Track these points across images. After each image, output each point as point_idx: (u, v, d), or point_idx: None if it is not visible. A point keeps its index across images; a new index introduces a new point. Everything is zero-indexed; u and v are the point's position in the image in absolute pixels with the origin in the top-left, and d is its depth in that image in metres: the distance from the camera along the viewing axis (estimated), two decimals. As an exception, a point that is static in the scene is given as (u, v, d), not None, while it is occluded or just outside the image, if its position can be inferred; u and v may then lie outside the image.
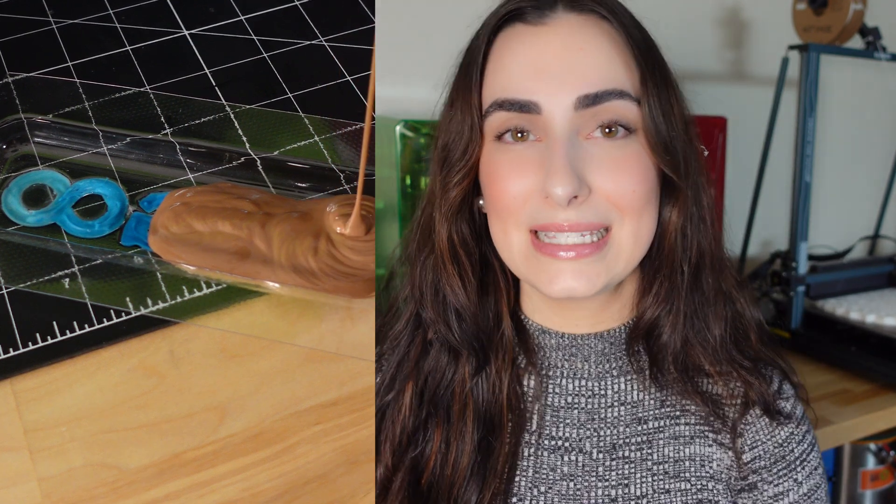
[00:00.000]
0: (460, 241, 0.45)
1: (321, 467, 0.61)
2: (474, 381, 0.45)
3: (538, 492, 0.44)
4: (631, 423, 0.45)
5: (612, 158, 0.40)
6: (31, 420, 0.63)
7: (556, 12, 0.42)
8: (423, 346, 0.47)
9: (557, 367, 0.46)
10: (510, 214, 0.42)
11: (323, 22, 0.90)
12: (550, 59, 0.41)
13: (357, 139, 0.78)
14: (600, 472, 0.44)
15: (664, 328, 0.44)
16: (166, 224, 0.68)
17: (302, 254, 0.67)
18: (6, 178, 0.73)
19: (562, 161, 0.39)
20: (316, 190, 0.74)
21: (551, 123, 0.40)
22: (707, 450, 0.44)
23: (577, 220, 0.40)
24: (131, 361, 0.66)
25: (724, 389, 0.44)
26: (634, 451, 0.44)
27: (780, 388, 0.46)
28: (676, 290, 0.43)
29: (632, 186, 0.41)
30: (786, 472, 0.44)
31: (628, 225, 0.41)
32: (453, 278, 0.45)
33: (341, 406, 0.64)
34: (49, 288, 0.68)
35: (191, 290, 0.69)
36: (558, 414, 0.45)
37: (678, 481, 0.43)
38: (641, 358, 0.45)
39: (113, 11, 0.90)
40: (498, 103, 0.41)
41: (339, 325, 0.68)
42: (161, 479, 0.60)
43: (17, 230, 0.70)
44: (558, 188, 0.39)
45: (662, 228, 0.43)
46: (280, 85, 0.84)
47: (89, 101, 0.79)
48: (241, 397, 0.64)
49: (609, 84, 0.40)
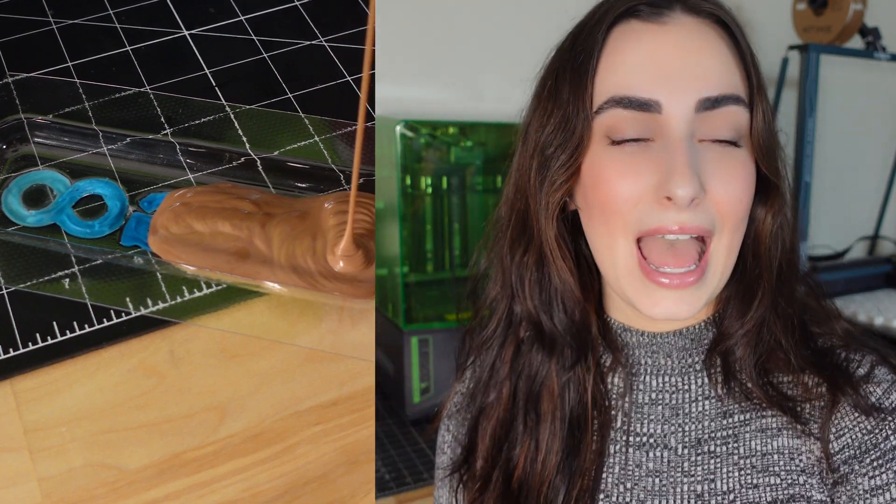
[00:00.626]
0: (562, 237, 0.44)
1: (321, 467, 0.61)
2: (564, 382, 0.45)
3: (624, 488, 0.44)
4: (716, 417, 0.44)
5: (726, 165, 0.40)
6: (31, 420, 0.63)
7: (673, 12, 0.41)
8: (516, 346, 0.47)
9: (641, 365, 0.45)
10: (619, 218, 0.41)
11: (323, 22, 0.90)
12: (670, 59, 0.40)
13: (357, 139, 0.78)
14: (686, 468, 0.44)
15: (746, 340, 0.43)
16: (166, 224, 0.68)
17: (301, 255, 0.67)
18: (6, 178, 0.73)
19: (685, 162, 0.39)
20: (316, 190, 0.74)
21: (671, 124, 0.40)
22: (796, 441, 0.43)
23: (687, 223, 0.40)
24: (131, 362, 0.66)
25: (803, 388, 0.43)
26: (720, 445, 0.43)
27: (870, 373, 0.43)
28: (772, 301, 0.43)
29: (740, 195, 0.41)
30: (882, 463, 0.41)
31: (726, 237, 0.41)
32: (564, 271, 0.44)
33: (341, 406, 0.64)
34: (49, 288, 0.68)
35: (191, 290, 0.69)
36: (642, 410, 0.45)
37: (767, 475, 0.42)
38: (717, 362, 0.44)
39: (113, 11, 0.90)
40: (616, 100, 0.41)
41: (338, 326, 0.68)
42: (161, 479, 0.60)
43: (17, 230, 0.70)
44: (682, 189, 0.39)
45: (756, 234, 0.43)
46: (280, 85, 0.84)
47: (89, 101, 0.79)
48: (241, 397, 0.64)
49: (727, 88, 0.40)
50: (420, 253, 0.88)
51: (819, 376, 0.43)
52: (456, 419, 0.50)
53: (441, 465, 0.51)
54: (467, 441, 0.49)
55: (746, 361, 0.43)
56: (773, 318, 0.43)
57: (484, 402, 0.48)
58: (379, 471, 0.76)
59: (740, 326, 0.43)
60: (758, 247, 0.43)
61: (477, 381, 0.49)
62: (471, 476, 0.48)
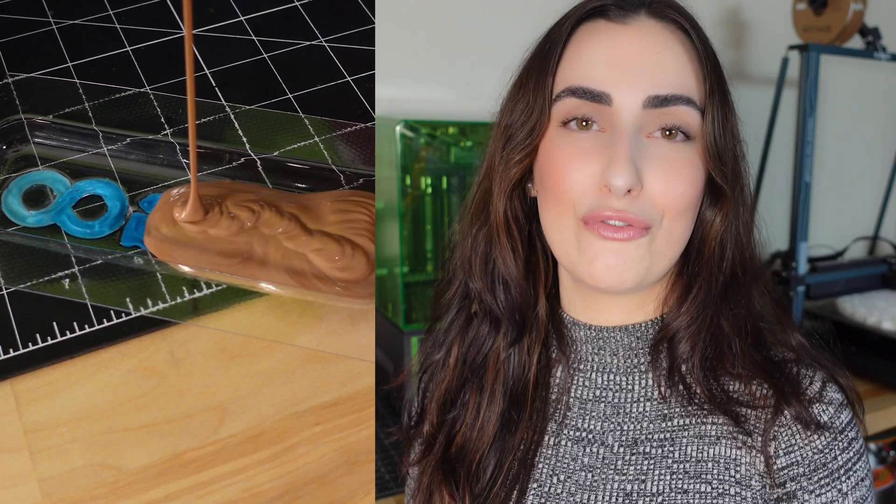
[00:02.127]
0: (513, 217, 0.47)
1: (321, 468, 0.61)
2: (507, 354, 0.47)
3: (557, 480, 0.46)
4: (655, 419, 0.45)
5: (667, 160, 0.42)
6: (31, 420, 0.63)
7: (638, 15, 0.44)
8: (468, 315, 0.49)
9: (587, 361, 0.47)
10: (566, 200, 0.43)
11: (323, 22, 0.90)
12: (627, 57, 0.43)
13: (358, 139, 0.79)
14: (619, 466, 0.45)
15: (688, 334, 0.45)
16: (157, 225, 0.68)
17: (298, 257, 0.67)
18: (6, 178, 0.73)
19: (624, 153, 0.41)
20: (316, 191, 0.74)
21: (619, 116, 0.42)
22: (734, 452, 0.43)
23: (625, 211, 0.42)
24: (131, 362, 0.66)
25: (750, 395, 0.44)
26: (656, 447, 0.45)
27: (821, 393, 0.44)
28: (710, 297, 0.44)
29: (681, 190, 0.42)
30: (829, 482, 0.43)
31: (666, 224, 0.43)
32: (506, 250, 0.47)
33: (341, 406, 0.64)
34: (49, 288, 0.68)
35: (191, 290, 0.69)
36: (585, 406, 0.47)
37: (698, 482, 0.43)
38: (663, 361, 0.46)
39: (113, 12, 0.90)
40: (571, 90, 0.43)
41: (338, 326, 0.68)
42: (161, 479, 0.60)
43: (17, 231, 0.70)
44: (618, 179, 0.41)
45: (703, 234, 0.45)
46: (280, 85, 0.84)
47: (89, 101, 0.79)
48: (242, 398, 0.64)
49: (678, 89, 0.43)
50: (420, 253, 0.88)
51: (768, 385, 0.43)
52: (417, 377, 0.53)
53: (403, 425, 0.54)
54: (419, 404, 0.52)
55: (691, 359, 0.44)
56: (722, 318, 0.44)
57: (431, 360, 0.51)
58: (379, 471, 0.76)
59: (677, 318, 0.45)
60: (702, 246, 0.45)
61: (434, 341, 0.51)
62: (419, 437, 0.50)
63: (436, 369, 0.51)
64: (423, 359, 0.52)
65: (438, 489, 0.47)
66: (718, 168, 0.43)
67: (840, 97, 1.09)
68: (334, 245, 0.67)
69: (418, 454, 0.49)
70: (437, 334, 0.51)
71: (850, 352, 0.89)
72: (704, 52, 0.44)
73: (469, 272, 0.49)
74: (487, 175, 0.48)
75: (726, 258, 0.45)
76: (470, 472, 0.46)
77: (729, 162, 0.44)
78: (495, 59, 0.98)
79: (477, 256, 0.48)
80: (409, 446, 0.51)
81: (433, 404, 0.49)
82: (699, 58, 0.44)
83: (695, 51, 0.44)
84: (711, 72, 0.44)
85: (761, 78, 1.05)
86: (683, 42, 0.44)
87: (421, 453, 0.49)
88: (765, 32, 1.08)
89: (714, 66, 0.44)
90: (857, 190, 1.16)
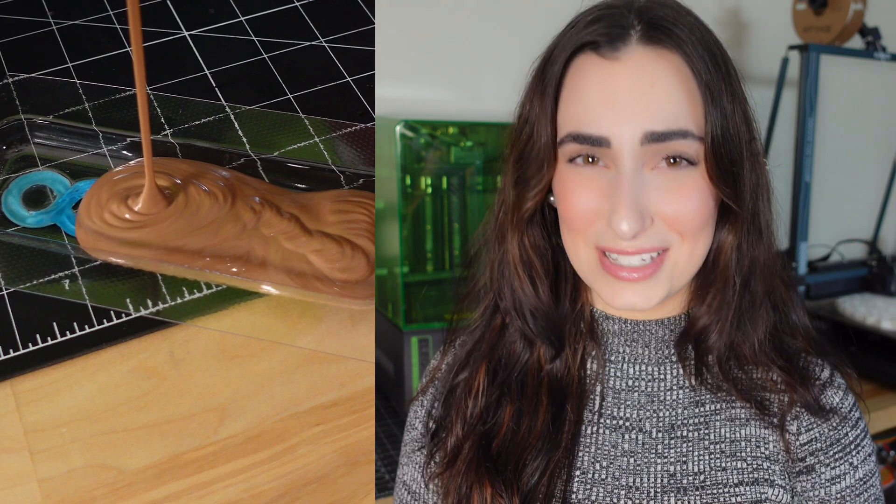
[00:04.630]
0: (532, 245, 0.48)
1: (321, 468, 0.61)
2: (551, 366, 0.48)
3: (600, 466, 0.47)
4: (689, 405, 0.48)
5: (674, 187, 0.43)
6: (31, 421, 0.63)
7: (628, 46, 0.43)
8: (500, 329, 0.50)
9: (619, 353, 0.49)
10: (579, 230, 0.44)
11: (323, 22, 0.90)
12: (620, 94, 0.42)
13: (358, 140, 0.79)
14: (659, 450, 0.47)
15: (712, 333, 0.47)
16: (82, 216, 0.68)
17: (297, 258, 0.67)
18: (6, 178, 0.73)
19: (628, 198, 0.42)
20: (316, 191, 0.74)
21: (619, 155, 0.43)
22: (763, 431, 0.47)
23: (640, 246, 0.43)
24: (131, 362, 0.66)
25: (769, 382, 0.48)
26: (692, 430, 0.47)
27: (831, 379, 0.48)
28: (727, 301, 0.46)
29: (691, 213, 0.43)
30: (842, 456, 0.47)
31: (686, 247, 0.44)
32: (525, 283, 0.48)
33: (341, 407, 0.64)
34: (49, 289, 0.68)
35: (191, 291, 0.69)
36: (619, 396, 0.48)
37: (734, 460, 0.46)
38: (690, 358, 0.48)
39: (113, 12, 0.90)
40: (572, 136, 0.44)
41: (338, 327, 0.68)
42: (161, 480, 0.60)
43: (17, 231, 0.70)
44: (623, 225, 0.42)
45: (717, 246, 0.46)
46: (280, 86, 0.84)
47: (89, 101, 0.79)
48: (241, 398, 0.64)
49: (675, 124, 0.42)
50: (420, 253, 0.88)
51: (784, 374, 0.47)
52: (432, 394, 0.52)
53: (410, 441, 0.53)
54: (441, 416, 0.51)
55: (717, 353, 0.47)
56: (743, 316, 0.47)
57: (456, 380, 0.50)
58: (379, 471, 0.76)
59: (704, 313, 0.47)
60: (718, 257, 0.46)
61: (455, 360, 0.51)
62: (441, 451, 0.50)
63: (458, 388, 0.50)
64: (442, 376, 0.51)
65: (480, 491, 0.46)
66: (725, 190, 0.43)
67: (840, 97, 1.09)
68: (334, 246, 0.67)
69: (442, 464, 0.49)
70: (460, 351, 0.51)
71: (850, 352, 0.89)
72: (701, 72, 0.43)
73: (500, 293, 0.49)
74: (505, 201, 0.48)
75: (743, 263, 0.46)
76: (517, 470, 0.47)
77: (740, 176, 0.44)
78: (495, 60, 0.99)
79: (504, 279, 0.48)
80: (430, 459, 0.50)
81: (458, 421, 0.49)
82: (697, 81, 0.43)
83: (692, 75, 0.43)
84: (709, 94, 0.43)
85: (761, 78, 1.05)
86: (679, 68, 0.43)
87: (446, 463, 0.48)
88: (765, 32, 1.08)
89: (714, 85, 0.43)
90: (857, 190, 1.16)
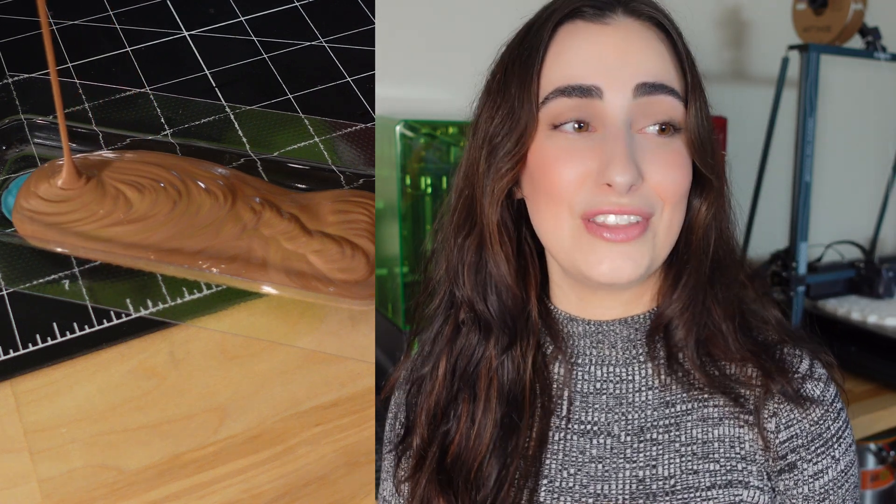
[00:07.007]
0: (503, 224, 0.47)
1: (321, 468, 0.61)
2: (500, 361, 0.48)
3: (567, 473, 0.46)
4: (658, 406, 0.47)
5: (663, 153, 0.44)
6: (31, 421, 0.63)
7: (615, 15, 0.45)
8: (455, 325, 0.49)
9: (586, 355, 0.48)
10: (563, 200, 0.44)
11: (323, 22, 0.90)
12: (611, 53, 0.44)
13: (358, 139, 0.79)
14: (628, 454, 0.46)
15: (683, 321, 0.46)
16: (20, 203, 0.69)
17: (297, 258, 0.67)
18: (6, 178, 0.73)
19: (624, 151, 0.42)
20: (316, 191, 0.74)
21: (611, 111, 0.43)
22: (738, 431, 0.46)
23: (627, 205, 0.43)
24: (131, 363, 0.66)
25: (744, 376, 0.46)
26: (662, 433, 0.46)
27: (811, 370, 0.47)
28: (700, 283, 0.46)
29: (678, 179, 0.44)
30: (824, 450, 0.46)
31: (666, 214, 0.44)
32: (500, 257, 0.47)
33: (341, 407, 0.64)
34: (49, 290, 0.68)
35: (191, 291, 0.69)
36: (587, 399, 0.47)
37: (707, 462, 0.45)
38: (660, 350, 0.47)
39: (113, 12, 0.90)
40: (560, 90, 0.44)
41: (338, 327, 0.68)
42: (161, 480, 0.60)
43: (17, 231, 0.70)
44: (620, 176, 0.42)
45: (690, 222, 0.46)
46: (280, 86, 0.84)
47: (89, 102, 0.79)
48: (242, 398, 0.64)
49: (663, 79, 0.44)
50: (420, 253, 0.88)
51: (757, 366, 0.46)
52: (403, 390, 0.52)
53: (386, 438, 0.53)
54: (406, 417, 0.51)
55: (688, 344, 0.46)
56: (711, 304, 0.46)
57: (418, 374, 0.50)
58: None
59: (670, 305, 0.46)
60: (690, 235, 0.46)
61: (420, 353, 0.51)
62: (408, 452, 0.50)
63: (423, 382, 0.50)
64: (409, 372, 0.52)
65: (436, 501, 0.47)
66: (703, 159, 0.45)
67: (840, 97, 1.09)
68: (334, 246, 0.67)
69: (409, 469, 0.49)
70: (422, 346, 0.51)
71: (850, 352, 0.89)
72: (683, 47, 0.45)
73: (456, 281, 0.48)
74: (469, 183, 0.48)
75: (712, 244, 0.46)
76: (468, 482, 0.46)
77: (710, 152, 0.45)
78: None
79: (465, 265, 0.48)
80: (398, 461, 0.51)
81: (422, 418, 0.49)
82: (678, 53, 0.45)
83: (673, 47, 0.45)
84: (691, 66, 0.45)
85: (761, 78, 1.05)
86: (662, 39, 0.45)
87: (412, 468, 0.49)
88: (765, 32, 1.08)
89: (691, 60, 0.45)
90: (858, 190, 1.16)
